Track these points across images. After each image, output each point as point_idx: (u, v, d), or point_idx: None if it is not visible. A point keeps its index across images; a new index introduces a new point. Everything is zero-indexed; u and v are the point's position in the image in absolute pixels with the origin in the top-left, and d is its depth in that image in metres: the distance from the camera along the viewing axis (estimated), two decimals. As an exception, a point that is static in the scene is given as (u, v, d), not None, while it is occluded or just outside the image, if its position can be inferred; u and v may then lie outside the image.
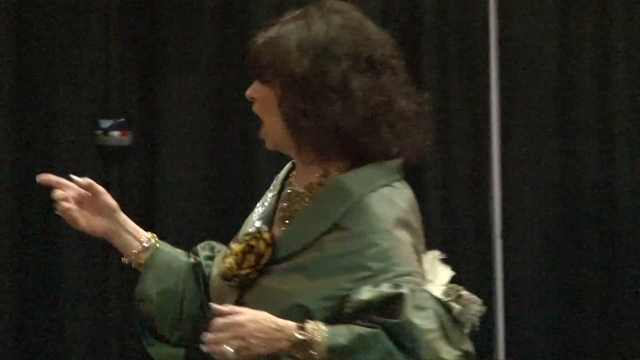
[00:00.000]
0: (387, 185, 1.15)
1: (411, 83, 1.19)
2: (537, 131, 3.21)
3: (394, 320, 1.05)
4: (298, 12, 1.19)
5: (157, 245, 1.31)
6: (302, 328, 1.06)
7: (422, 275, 1.12)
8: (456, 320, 1.09)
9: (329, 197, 1.15)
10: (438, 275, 1.17)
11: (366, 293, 1.06)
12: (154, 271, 1.29)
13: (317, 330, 1.06)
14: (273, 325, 1.09)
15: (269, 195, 1.25)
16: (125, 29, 3.10)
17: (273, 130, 1.18)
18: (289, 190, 1.20)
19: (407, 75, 1.21)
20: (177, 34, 3.10)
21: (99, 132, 3.07)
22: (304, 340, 1.06)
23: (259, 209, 1.25)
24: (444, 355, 1.06)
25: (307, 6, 1.20)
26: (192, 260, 1.30)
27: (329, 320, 1.06)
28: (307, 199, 1.17)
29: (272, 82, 1.15)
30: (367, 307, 1.06)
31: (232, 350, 1.07)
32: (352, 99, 1.13)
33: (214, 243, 1.31)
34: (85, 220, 1.27)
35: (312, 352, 1.05)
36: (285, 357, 1.09)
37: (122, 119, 3.08)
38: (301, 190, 1.17)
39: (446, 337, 1.08)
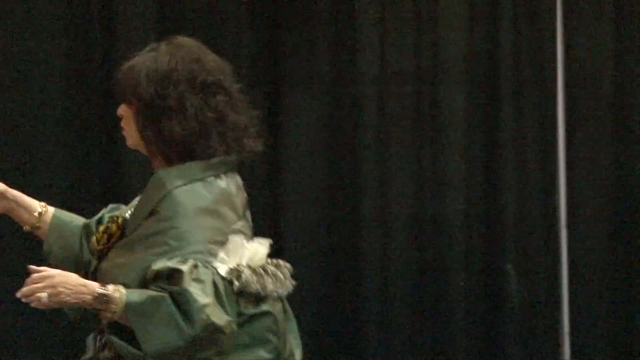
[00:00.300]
0: (199, 180, 1.31)
1: (247, 101, 1.38)
2: (596, 138, 3.53)
3: (174, 287, 1.20)
4: (152, 46, 1.39)
5: (50, 209, 1.48)
6: (104, 287, 1.24)
7: (213, 254, 1.27)
8: (239, 294, 1.26)
9: (151, 188, 1.33)
10: (239, 255, 1.30)
11: (157, 264, 1.22)
12: (56, 231, 1.45)
13: (117, 289, 1.23)
14: (80, 281, 1.26)
15: None
16: (253, 54, 3.53)
17: (134, 142, 1.39)
18: None
19: (241, 96, 1.38)
20: (295, 58, 3.54)
21: (233, 141, 3.54)
22: (104, 294, 1.22)
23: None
24: (214, 319, 1.20)
25: (159, 42, 1.39)
26: (83, 221, 1.47)
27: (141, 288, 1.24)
28: None
29: (131, 103, 1.35)
30: (157, 276, 1.22)
31: (45, 295, 1.24)
32: (186, 115, 1.31)
33: (122, 206, 1.46)
34: None
35: (113, 306, 1.22)
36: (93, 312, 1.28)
37: (253, 128, 3.55)
38: None
39: (220, 305, 1.22)
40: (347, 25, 3.57)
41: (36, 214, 1.47)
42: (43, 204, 1.48)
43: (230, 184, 1.34)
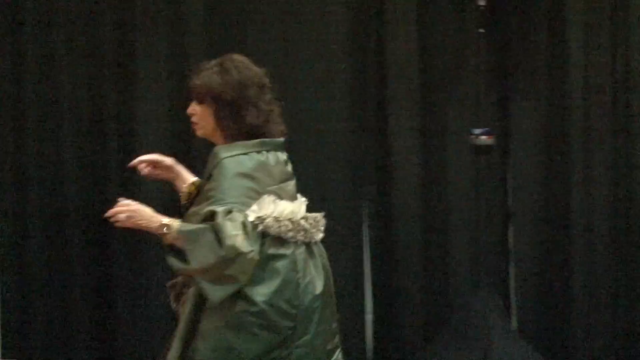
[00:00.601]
0: (243, 153, 1.67)
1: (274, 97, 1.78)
2: None
3: (214, 222, 1.58)
4: (214, 63, 1.76)
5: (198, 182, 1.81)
6: (168, 219, 1.65)
7: (247, 205, 1.62)
8: (264, 236, 1.62)
9: (210, 159, 1.71)
10: (268, 208, 1.64)
11: (206, 209, 1.61)
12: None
13: (174, 221, 1.64)
14: (152, 214, 1.67)
15: None
16: (489, 71, 4.35)
17: (208, 131, 1.77)
18: None
19: (270, 91, 1.77)
20: (520, 75, 4.41)
21: (473, 136, 4.21)
22: (165, 224, 1.63)
23: None
24: (238, 246, 1.54)
25: (221, 59, 1.76)
26: None
27: None
28: None
29: (205, 103, 1.73)
30: (205, 217, 1.61)
31: (124, 215, 1.66)
32: (258, 107, 1.71)
33: None
34: (160, 175, 1.89)
35: (168, 231, 1.62)
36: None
37: (488, 128, 4.25)
38: None
39: (246, 239, 1.57)
40: (559, 48, 4.43)
41: (186, 185, 1.86)
42: (196, 179, 1.86)
43: (269, 158, 1.73)
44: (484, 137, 4.28)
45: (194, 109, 1.78)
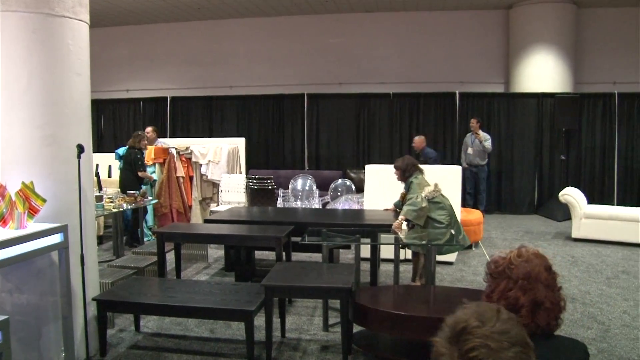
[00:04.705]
0: (415, 177, 5.89)
1: None
2: None
3: (414, 199, 5.72)
4: None
5: None
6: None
7: (422, 192, 5.71)
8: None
9: (407, 184, 5.98)
10: (426, 190, 5.68)
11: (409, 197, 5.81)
12: None
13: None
14: None
15: None
16: None
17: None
18: None
19: None
20: None
21: None
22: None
23: None
24: (422, 204, 5.66)
25: None
26: None
27: None
28: None
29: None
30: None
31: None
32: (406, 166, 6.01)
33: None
34: None
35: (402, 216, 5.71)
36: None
37: None
38: None
39: (424, 201, 5.58)
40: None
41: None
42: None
43: (421, 177, 5.87)
44: None
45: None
